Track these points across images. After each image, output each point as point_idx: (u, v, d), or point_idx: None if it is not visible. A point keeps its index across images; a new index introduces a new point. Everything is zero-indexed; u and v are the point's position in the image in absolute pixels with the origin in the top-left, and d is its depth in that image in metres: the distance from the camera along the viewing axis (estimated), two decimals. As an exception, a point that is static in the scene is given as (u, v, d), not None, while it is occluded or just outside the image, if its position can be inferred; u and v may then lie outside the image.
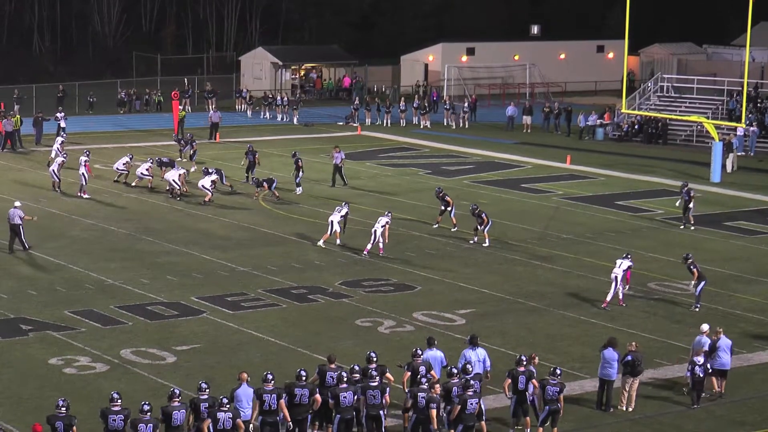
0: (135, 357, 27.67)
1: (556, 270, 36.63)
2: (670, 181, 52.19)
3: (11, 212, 37.19)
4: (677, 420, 24.74)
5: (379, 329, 30.29)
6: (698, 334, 26.45)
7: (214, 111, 64.62)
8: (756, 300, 33.68)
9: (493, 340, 28.34)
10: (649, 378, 26.61)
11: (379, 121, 69.32)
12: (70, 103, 70.63)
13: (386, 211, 39.26)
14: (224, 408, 21.21)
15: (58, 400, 20.96)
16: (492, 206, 44.25)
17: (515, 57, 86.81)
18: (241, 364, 25.96)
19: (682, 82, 71.43)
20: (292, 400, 22.13)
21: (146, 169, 47.34)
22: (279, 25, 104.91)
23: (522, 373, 23.42)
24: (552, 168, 55.70)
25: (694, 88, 69.25)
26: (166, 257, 37.17)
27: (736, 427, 24.38)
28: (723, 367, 26.01)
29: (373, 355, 23.61)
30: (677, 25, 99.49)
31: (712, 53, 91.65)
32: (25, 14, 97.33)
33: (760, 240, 41.58)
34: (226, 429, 21.14)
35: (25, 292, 32.88)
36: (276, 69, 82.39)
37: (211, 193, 44.91)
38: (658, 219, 44.64)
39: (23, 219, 37.15)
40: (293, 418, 22.19)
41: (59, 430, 20.51)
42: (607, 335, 26.96)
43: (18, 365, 27.02)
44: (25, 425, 21.16)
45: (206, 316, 31.17)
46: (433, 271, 35.93)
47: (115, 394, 21.10)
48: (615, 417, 24.68)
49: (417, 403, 22.46)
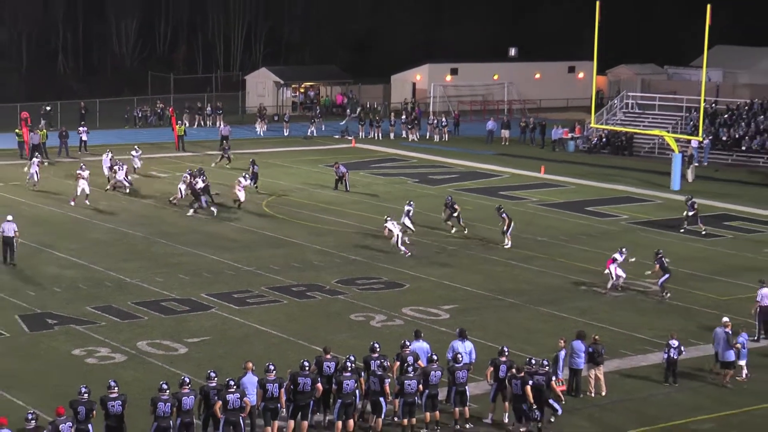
0: (150, 348, 27.67)
1: (532, 269, 36.67)
2: (634, 189, 52.37)
3: (5, 226, 35.92)
4: (641, 405, 24.79)
5: (371, 323, 30.30)
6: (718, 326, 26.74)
7: (224, 125, 64.67)
8: (712, 296, 33.74)
9: (474, 333, 28.33)
10: (615, 367, 26.68)
11: (372, 134, 69.33)
12: (92, 118, 70.53)
13: (408, 201, 40.21)
14: (231, 390, 21.32)
15: (81, 387, 20.95)
16: (474, 212, 44.32)
17: (495, 76, 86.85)
18: (246, 355, 25.94)
19: (645, 99, 71.52)
20: (296, 387, 22.13)
21: (183, 184, 45.09)
22: (281, 47, 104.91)
23: (503, 363, 23.47)
24: (528, 177, 55.73)
25: (656, 105, 69.35)
26: (178, 258, 37.15)
27: (695, 412, 24.41)
28: (726, 359, 26.19)
29: (377, 345, 23.65)
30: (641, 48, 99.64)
31: (673, 73, 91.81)
32: (51, 37, 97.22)
33: (716, 242, 41.65)
34: (235, 408, 21.31)
35: (50, 290, 32.86)
36: (278, 87, 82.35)
37: (204, 201, 44.41)
38: (623, 223, 44.72)
39: (16, 233, 35.86)
40: (297, 404, 22.21)
41: (81, 413, 20.52)
42: (578, 329, 27.00)
43: (44, 356, 27.03)
44: (50, 410, 21.15)
45: (215, 311, 31.17)
46: (420, 271, 35.94)
47: (112, 382, 21.07)
48: (584, 402, 24.71)
49: (404, 389, 22.56)
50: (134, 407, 21.74)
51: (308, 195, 47.66)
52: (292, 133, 69.54)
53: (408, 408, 22.62)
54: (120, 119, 72.93)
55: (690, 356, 27.14)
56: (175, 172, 51.83)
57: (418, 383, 22.65)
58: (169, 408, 20.90)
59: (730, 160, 61.60)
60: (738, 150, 62.22)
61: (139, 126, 72.83)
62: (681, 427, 23.68)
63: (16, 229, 36.00)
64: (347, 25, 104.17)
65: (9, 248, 35.85)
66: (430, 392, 22.91)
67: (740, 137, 62.93)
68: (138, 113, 74.08)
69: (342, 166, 50.60)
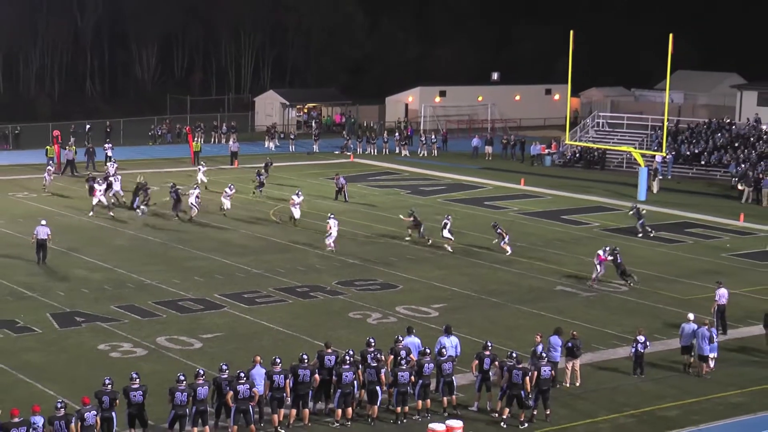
0: (168, 343, 27.58)
1: (513, 272, 36.60)
2: (605, 199, 52.32)
3: (39, 229, 36.01)
4: (611, 394, 24.75)
5: (368, 320, 30.22)
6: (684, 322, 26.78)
7: (233, 142, 64.53)
8: (675, 296, 33.69)
9: (461, 329, 28.28)
10: (588, 360, 26.61)
11: (369, 150, 69.26)
12: (116, 135, 70.42)
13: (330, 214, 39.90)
14: (241, 381, 21.25)
15: (105, 378, 20.90)
16: (461, 220, 44.25)
17: (479, 98, 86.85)
18: (255, 349, 25.89)
19: (614, 118, 71.50)
20: (296, 378, 22.11)
21: (196, 198, 44.10)
22: (287, 71, 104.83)
23: (487, 356, 23.40)
24: (509, 189, 55.68)
25: (624, 124, 69.35)
26: (193, 262, 37.04)
27: (660, 400, 24.37)
28: (701, 353, 26.18)
29: (372, 340, 23.60)
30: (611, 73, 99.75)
31: (639, 95, 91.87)
32: (80, 63, 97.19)
33: (678, 247, 41.61)
34: (245, 397, 21.27)
35: (78, 290, 32.76)
36: (284, 108, 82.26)
37: (197, 209, 44.04)
38: (595, 230, 44.66)
39: (49, 236, 35.96)
40: (297, 393, 22.16)
41: (105, 403, 20.44)
42: (555, 325, 26.94)
43: (72, 350, 26.94)
44: (77, 399, 21.06)
45: (227, 310, 31.07)
46: (413, 273, 35.87)
47: (133, 374, 21.04)
48: (560, 392, 24.64)
49: (398, 380, 22.49)
50: (154, 396, 21.65)
51: (311, 205, 47.57)
52: (297, 149, 69.52)
53: (401, 397, 22.60)
54: (141, 136, 72.72)
55: (654, 350, 27.08)
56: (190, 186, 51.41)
57: (410, 375, 22.61)
58: (185, 397, 20.85)
59: (691, 174, 61.58)
60: (698, 164, 62.20)
61: (158, 143, 72.72)
62: (648, 413, 23.64)
63: (49, 232, 36.19)
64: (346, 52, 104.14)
65: (42, 250, 36.07)
66: (423, 382, 22.83)
67: (700, 153, 62.93)
68: (158, 131, 73.96)
69: (342, 178, 50.55)
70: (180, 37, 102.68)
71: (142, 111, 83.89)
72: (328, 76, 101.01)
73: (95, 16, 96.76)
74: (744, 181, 54.06)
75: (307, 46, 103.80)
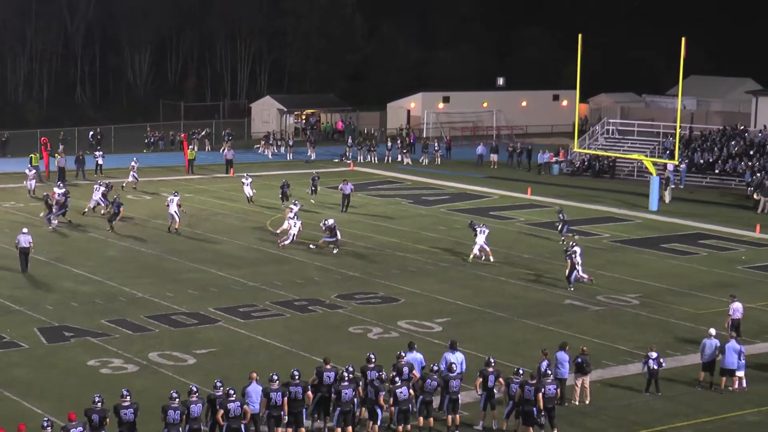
0: (161, 359, 27.52)
1: (518, 285, 36.55)
2: (615, 210, 52.29)
3: (21, 237, 36.52)
4: (622, 412, 24.66)
5: (369, 335, 30.16)
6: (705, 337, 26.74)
7: (228, 149, 64.53)
8: (688, 310, 33.62)
9: (465, 345, 28.17)
10: (598, 376, 26.55)
11: (369, 158, 69.28)
12: (107, 143, 70.46)
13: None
14: (232, 398, 21.20)
15: (95, 395, 20.84)
16: (465, 230, 44.17)
17: (484, 104, 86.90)
18: (251, 365, 25.79)
19: (624, 125, 71.58)
20: (289, 396, 22.01)
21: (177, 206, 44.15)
22: (284, 77, 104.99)
23: (491, 373, 23.34)
24: (515, 198, 55.66)
25: (635, 131, 69.41)
26: (187, 274, 37.01)
27: (672, 419, 24.30)
28: (728, 367, 26.12)
29: (372, 356, 23.54)
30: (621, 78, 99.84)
31: (650, 101, 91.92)
32: (70, 69, 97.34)
33: (691, 259, 41.56)
34: (236, 416, 21.19)
35: (68, 304, 32.72)
36: (281, 114, 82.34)
37: (178, 219, 44.05)
38: (605, 241, 44.61)
39: (31, 244, 36.40)
40: (290, 411, 22.08)
41: (95, 421, 20.39)
42: (562, 340, 26.87)
43: (61, 366, 26.89)
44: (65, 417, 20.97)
45: (221, 324, 31.02)
46: (415, 286, 35.82)
47: (124, 391, 21.00)
48: (569, 410, 24.58)
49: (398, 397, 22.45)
50: (146, 414, 21.57)
51: (309, 216, 47.49)
52: (295, 157, 69.56)
53: (403, 415, 22.51)
54: (134, 144, 72.69)
55: (667, 366, 26.95)
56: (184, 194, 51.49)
57: (408, 389, 22.55)
58: (178, 415, 20.80)
59: (704, 183, 61.58)
60: (711, 173, 62.21)
61: (151, 150, 72.74)
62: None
63: (31, 240, 36.56)
64: (345, 57, 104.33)
65: (25, 258, 36.42)
66: (424, 399, 22.79)
67: (713, 161, 62.95)
68: (151, 138, 74.01)
69: (350, 184, 50.13)
70: (174, 42, 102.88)
71: (133, 117, 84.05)
72: (327, 82, 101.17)
73: (86, 20, 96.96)
74: (759, 191, 54.03)
75: (305, 50, 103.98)
